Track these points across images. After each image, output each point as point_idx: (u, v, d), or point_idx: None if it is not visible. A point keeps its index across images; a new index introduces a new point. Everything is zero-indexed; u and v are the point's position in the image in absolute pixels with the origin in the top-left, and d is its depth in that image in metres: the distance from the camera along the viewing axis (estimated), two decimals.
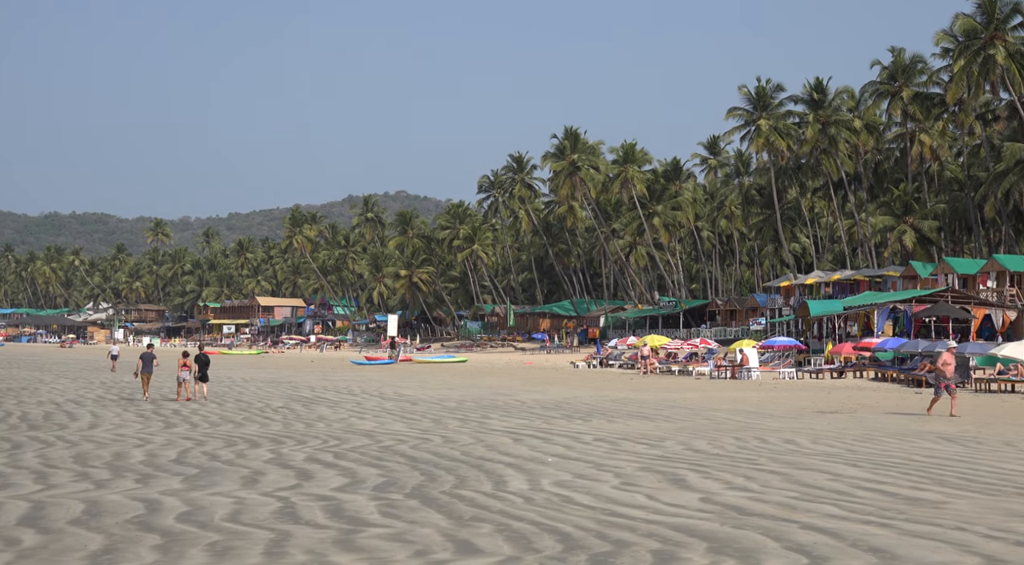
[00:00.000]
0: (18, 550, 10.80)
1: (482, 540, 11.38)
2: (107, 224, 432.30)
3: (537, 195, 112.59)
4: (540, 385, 44.88)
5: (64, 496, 14.05)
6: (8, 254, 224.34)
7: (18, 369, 59.01)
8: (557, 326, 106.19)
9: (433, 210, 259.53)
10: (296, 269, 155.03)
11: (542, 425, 25.12)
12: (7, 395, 35.48)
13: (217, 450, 19.52)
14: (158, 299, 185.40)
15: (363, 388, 41.33)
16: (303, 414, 28.23)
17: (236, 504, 13.53)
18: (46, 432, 22.72)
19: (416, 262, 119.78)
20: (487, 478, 15.98)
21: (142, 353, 34.84)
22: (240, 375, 52.73)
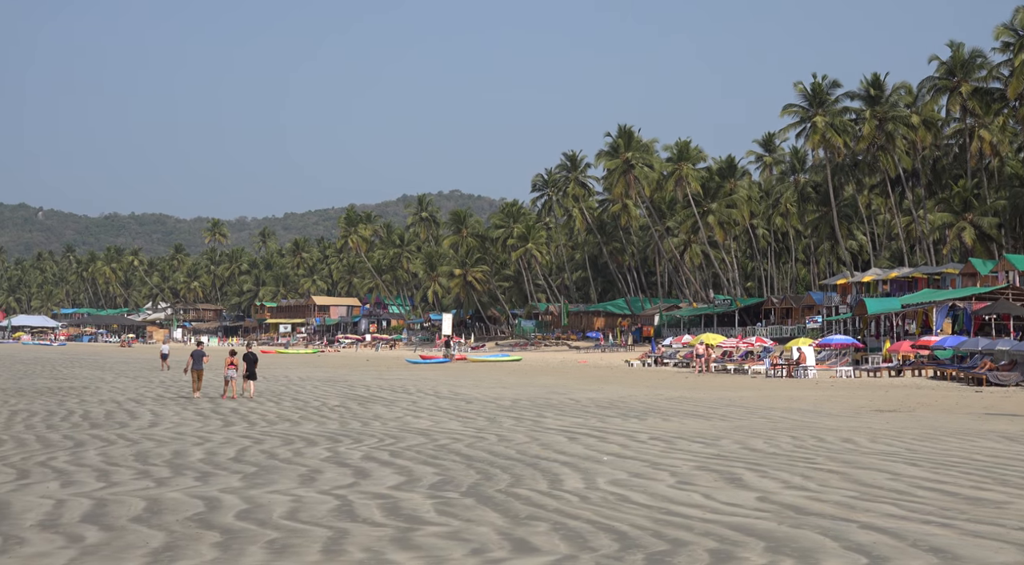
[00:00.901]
0: (82, 547, 10.96)
1: (538, 539, 11.39)
2: (165, 225, 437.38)
3: (591, 193, 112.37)
4: (595, 384, 44.81)
5: (126, 494, 14.23)
6: (69, 255, 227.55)
7: (79, 368, 59.81)
8: (611, 325, 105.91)
9: (487, 209, 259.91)
10: (351, 268, 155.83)
11: (597, 424, 25.08)
12: (69, 394, 35.99)
13: (275, 448, 19.68)
14: (215, 299, 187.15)
15: (418, 387, 41.48)
16: (359, 413, 28.38)
17: (294, 502, 13.63)
18: (107, 430, 23.02)
19: (470, 261, 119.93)
20: (542, 477, 15.98)
21: (192, 351, 35.44)
22: (297, 374, 53.09)
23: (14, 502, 13.51)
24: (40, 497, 13.92)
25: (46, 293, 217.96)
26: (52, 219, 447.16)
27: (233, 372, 33.86)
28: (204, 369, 35.21)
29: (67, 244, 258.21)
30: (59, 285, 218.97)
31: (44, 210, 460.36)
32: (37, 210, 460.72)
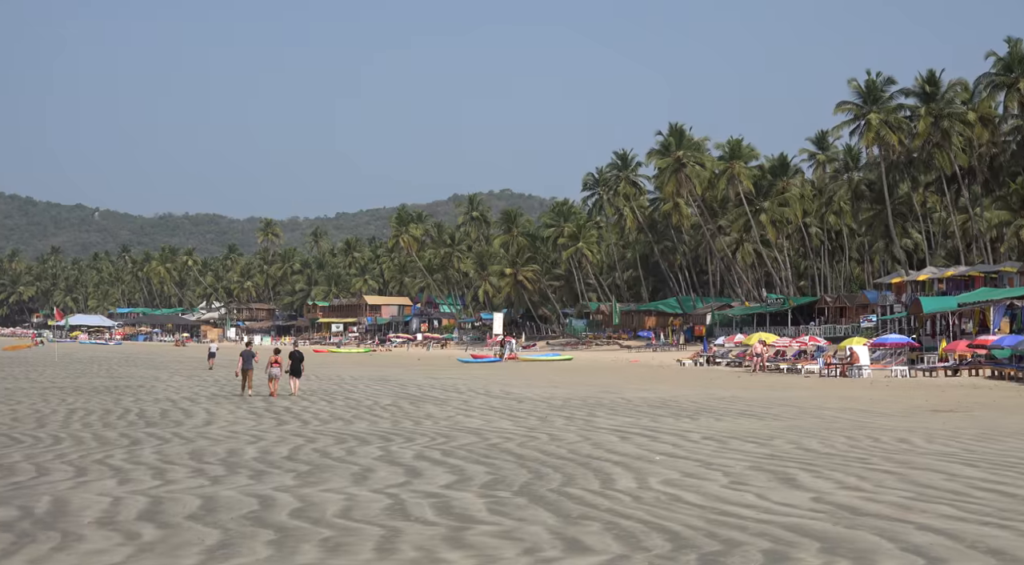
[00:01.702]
0: (138, 544, 11.08)
1: (591, 538, 11.37)
2: (219, 224, 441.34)
3: (642, 192, 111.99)
4: (646, 383, 44.67)
5: (181, 492, 14.37)
6: (125, 255, 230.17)
7: (135, 367, 60.48)
8: (663, 324, 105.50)
9: (538, 208, 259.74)
10: (402, 268, 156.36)
11: (649, 423, 25.00)
12: (125, 392, 36.41)
13: (328, 447, 19.78)
14: (268, 298, 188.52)
15: (469, 386, 41.56)
16: (411, 412, 28.48)
17: (347, 501, 13.70)
18: (163, 429, 23.26)
19: (521, 260, 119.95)
20: (595, 476, 15.96)
21: (242, 351, 35.98)
22: (349, 373, 53.37)
23: (73, 499, 13.69)
24: (98, 494, 14.09)
25: (102, 293, 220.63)
26: (108, 219, 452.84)
27: (277, 370, 34.33)
28: (254, 368, 35.70)
29: (122, 244, 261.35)
30: (115, 285, 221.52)
31: (100, 211, 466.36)
32: (93, 211, 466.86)
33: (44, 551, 10.74)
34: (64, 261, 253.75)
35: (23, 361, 69.01)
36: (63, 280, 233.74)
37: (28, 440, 20.70)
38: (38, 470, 16.42)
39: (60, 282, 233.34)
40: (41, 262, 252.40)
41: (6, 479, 15.46)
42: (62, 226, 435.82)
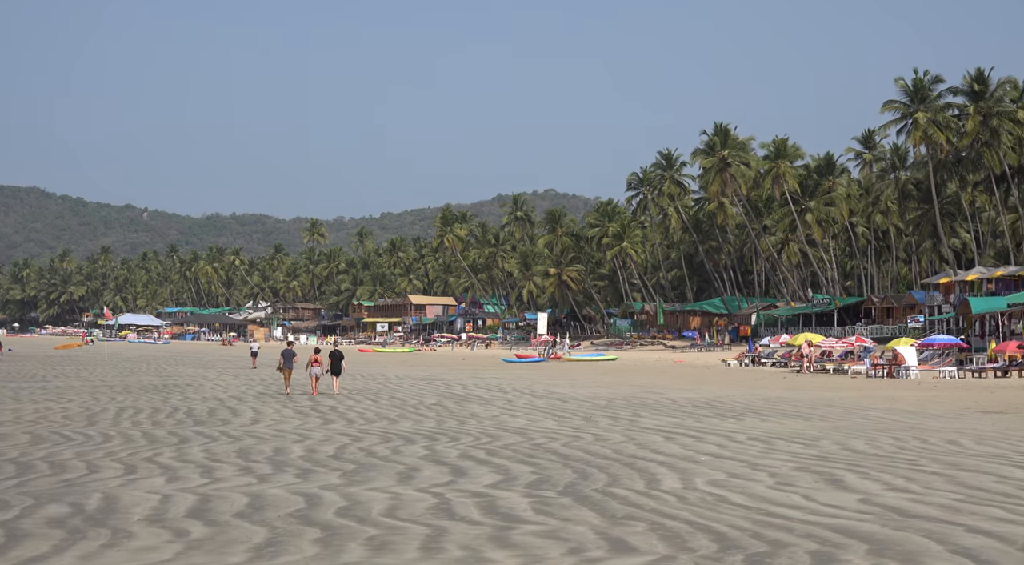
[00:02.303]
0: (187, 541, 11.19)
1: (636, 538, 11.36)
2: (265, 225, 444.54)
3: (687, 192, 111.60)
4: (691, 383, 44.51)
5: (229, 490, 14.49)
6: (173, 255, 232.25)
7: (183, 366, 61.01)
8: (707, 324, 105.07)
9: (582, 208, 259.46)
10: (447, 268, 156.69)
11: (694, 423, 24.92)
12: (173, 391, 36.74)
13: (373, 446, 19.87)
14: (314, 298, 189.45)
15: (514, 386, 41.58)
16: (456, 411, 28.53)
17: (392, 500, 13.76)
18: (210, 427, 23.45)
19: (565, 260, 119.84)
20: (639, 476, 15.92)
21: (283, 350, 36.26)
22: (394, 372, 53.58)
23: (122, 497, 13.84)
24: (147, 492, 14.24)
25: (151, 292, 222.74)
26: (157, 220, 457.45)
27: (318, 369, 34.68)
28: (294, 368, 36.09)
29: (171, 244, 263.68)
30: (163, 284, 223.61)
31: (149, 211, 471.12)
32: (142, 211, 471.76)
33: (95, 548, 10.87)
34: (114, 261, 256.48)
35: (74, 360, 69.84)
36: (113, 280, 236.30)
37: (79, 438, 20.95)
38: (89, 467, 16.62)
39: (110, 282, 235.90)
40: (91, 262, 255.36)
41: (58, 476, 15.67)
42: (112, 226, 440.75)
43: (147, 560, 10.36)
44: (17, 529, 11.75)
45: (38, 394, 34.40)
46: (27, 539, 11.25)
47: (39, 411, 27.43)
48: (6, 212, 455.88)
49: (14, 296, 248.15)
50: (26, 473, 15.95)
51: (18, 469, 16.37)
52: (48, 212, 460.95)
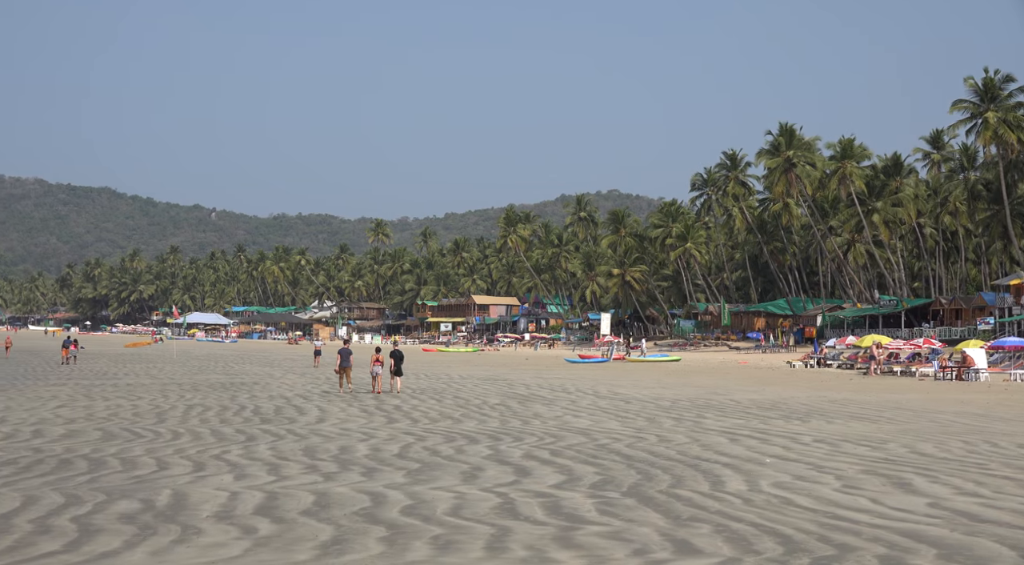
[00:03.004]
0: (255, 538, 11.33)
1: (701, 540, 11.33)
2: (331, 225, 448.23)
3: (751, 192, 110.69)
4: (755, 385, 44.19)
5: (295, 487, 14.64)
6: (240, 254, 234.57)
7: (250, 364, 61.61)
8: (772, 325, 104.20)
9: (645, 208, 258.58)
10: (510, 268, 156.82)
11: (759, 425, 24.75)
12: (241, 389, 37.14)
13: (437, 446, 19.96)
14: (379, 297, 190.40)
15: (577, 386, 41.53)
16: (519, 411, 28.57)
17: (457, 499, 13.82)
18: (277, 425, 23.69)
19: (628, 261, 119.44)
20: (704, 478, 15.87)
21: (340, 349, 36.53)
22: (457, 372, 53.71)
23: (191, 493, 14.04)
24: (215, 489, 14.43)
25: (218, 291, 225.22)
26: (224, 220, 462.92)
27: (379, 368, 35.04)
28: (351, 366, 36.53)
29: (238, 244, 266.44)
30: (231, 283, 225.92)
31: (217, 211, 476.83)
32: (211, 211, 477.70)
33: (165, 543, 11.05)
34: (182, 260, 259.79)
35: (143, 358, 70.84)
36: (181, 279, 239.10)
37: (149, 435, 21.26)
38: (159, 464, 16.88)
39: (178, 281, 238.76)
40: (160, 261, 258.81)
41: (129, 473, 15.92)
42: (180, 226, 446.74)
43: (216, 556, 10.50)
44: (90, 524, 11.98)
45: (109, 391, 34.95)
46: (99, 534, 11.46)
47: (110, 408, 27.88)
48: (79, 212, 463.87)
49: (86, 295, 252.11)
50: (98, 469, 16.23)
51: (90, 465, 16.66)
52: (119, 212, 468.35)
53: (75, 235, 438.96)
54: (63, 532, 11.58)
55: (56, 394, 33.26)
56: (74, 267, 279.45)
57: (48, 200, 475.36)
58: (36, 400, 30.52)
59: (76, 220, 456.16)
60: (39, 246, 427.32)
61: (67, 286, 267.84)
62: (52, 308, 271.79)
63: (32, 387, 37.09)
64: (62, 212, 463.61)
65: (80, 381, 41.04)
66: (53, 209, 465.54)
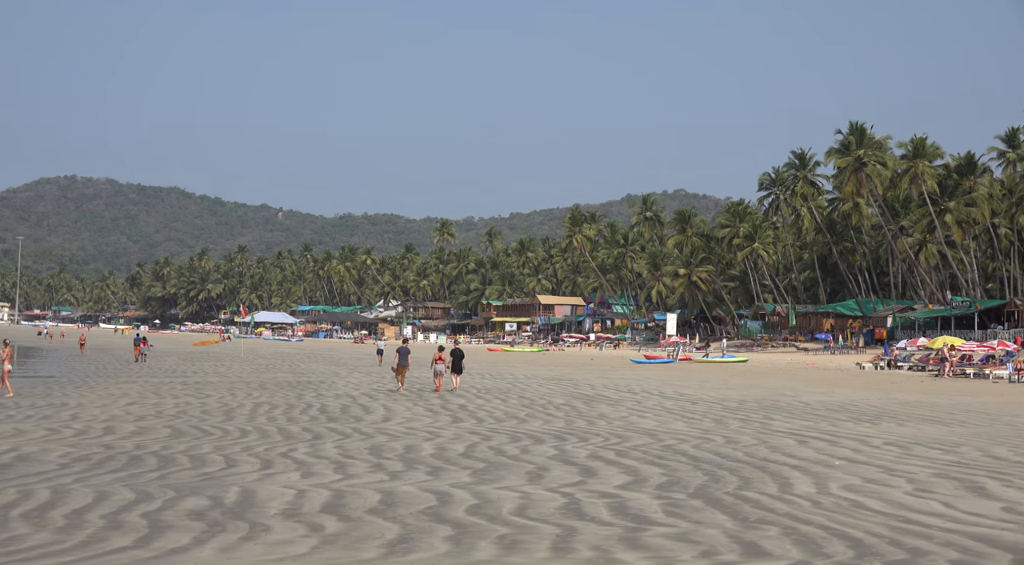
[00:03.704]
0: (322, 536, 11.38)
1: (769, 543, 11.22)
2: (396, 224, 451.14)
3: (820, 192, 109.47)
4: (824, 386, 43.71)
5: (362, 486, 14.69)
6: (307, 254, 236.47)
7: (316, 363, 62.09)
8: (841, 326, 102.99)
9: (712, 208, 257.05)
10: (575, 268, 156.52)
11: (827, 427, 24.46)
12: (307, 388, 37.42)
13: (503, 445, 19.95)
14: (444, 297, 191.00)
15: (643, 387, 41.35)
16: (584, 411, 28.49)
17: (522, 499, 13.80)
18: (343, 424, 23.81)
19: (695, 261, 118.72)
20: (772, 480, 15.71)
21: (398, 348, 36.83)
22: (522, 372, 53.73)
23: (259, 491, 14.14)
24: (282, 487, 14.53)
25: (285, 290, 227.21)
26: (291, 219, 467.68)
27: (441, 367, 35.42)
28: (408, 365, 36.67)
29: (305, 243, 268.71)
30: (297, 283, 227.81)
31: (284, 210, 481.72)
32: (277, 211, 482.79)
33: (233, 540, 11.13)
34: (249, 259, 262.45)
35: (212, 356, 71.67)
36: (249, 278, 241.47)
37: (217, 432, 21.47)
38: (227, 462, 17.03)
39: (246, 280, 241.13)
40: (228, 260, 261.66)
41: (197, 470, 16.08)
42: (248, 225, 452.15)
43: (283, 554, 10.57)
44: (160, 520, 12.11)
45: (178, 389, 35.37)
46: (169, 531, 11.59)
47: (179, 406, 28.21)
48: (148, 212, 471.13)
49: (155, 293, 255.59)
50: (167, 466, 16.41)
51: (160, 462, 16.86)
52: (188, 212, 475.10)
53: (145, 234, 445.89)
54: (134, 528, 11.71)
55: (127, 391, 33.73)
56: (144, 266, 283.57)
57: (119, 200, 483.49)
58: (107, 397, 30.97)
59: (146, 220, 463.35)
60: (110, 245, 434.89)
61: (137, 285, 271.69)
62: (122, 306, 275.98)
63: (103, 384, 37.66)
64: (132, 212, 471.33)
65: (150, 379, 41.60)
66: (124, 209, 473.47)
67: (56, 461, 16.78)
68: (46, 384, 37.61)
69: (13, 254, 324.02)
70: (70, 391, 33.63)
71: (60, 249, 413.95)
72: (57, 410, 26.15)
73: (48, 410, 26.11)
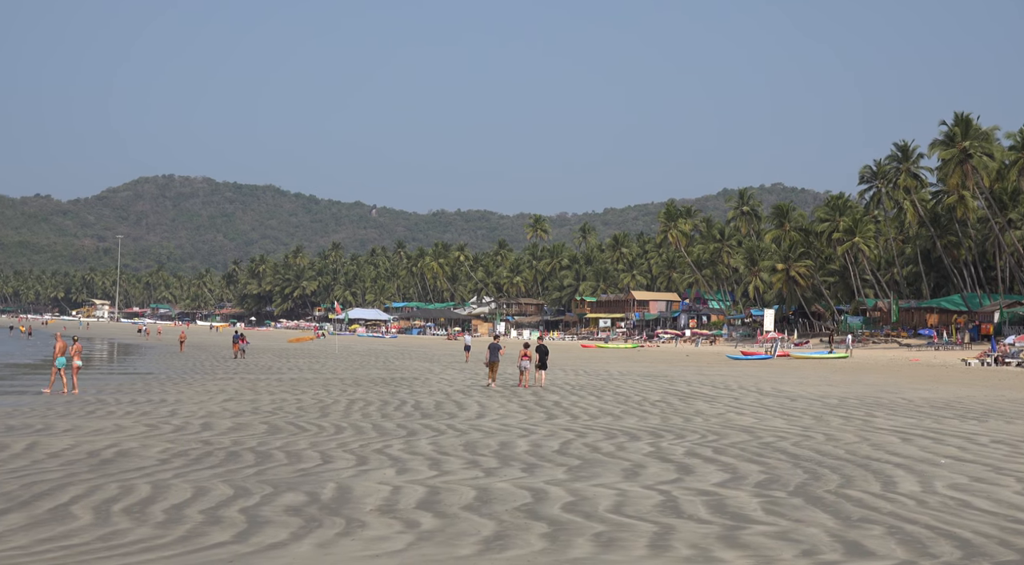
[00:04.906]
0: (418, 532, 11.36)
1: (872, 542, 10.96)
2: (489, 220, 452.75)
3: (923, 185, 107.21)
4: (928, 383, 42.77)
5: (456, 482, 14.66)
6: (400, 251, 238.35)
7: (409, 360, 62.45)
8: (945, 322, 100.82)
9: (811, 202, 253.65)
10: (670, 263, 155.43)
11: (932, 424, 23.88)
12: (401, 384, 37.59)
13: (597, 442, 19.80)
14: (537, 293, 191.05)
15: (740, 383, 40.84)
16: (680, 408, 28.20)
17: (619, 496, 13.66)
18: (437, 420, 23.84)
19: (793, 255, 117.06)
20: (875, 478, 15.36)
21: (490, 344, 36.96)
22: (616, 368, 53.45)
23: (355, 487, 14.18)
24: (378, 483, 14.55)
25: (379, 287, 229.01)
26: (384, 216, 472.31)
27: (527, 363, 35.67)
28: (499, 361, 36.88)
29: (398, 240, 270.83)
30: (391, 279, 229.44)
31: (377, 208, 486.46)
32: (371, 208, 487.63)
33: (330, 536, 11.16)
34: (343, 256, 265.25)
35: (307, 353, 72.53)
36: (343, 275, 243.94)
37: (313, 429, 21.63)
38: (323, 458, 17.12)
39: (340, 277, 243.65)
40: (323, 257, 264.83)
41: (294, 466, 16.19)
42: (342, 223, 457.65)
43: (380, 550, 10.56)
44: (258, 516, 12.19)
45: (274, 386, 35.78)
46: (267, 526, 11.66)
47: (275, 402, 28.51)
48: (244, 210, 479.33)
49: (251, 291, 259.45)
50: (265, 462, 16.55)
51: (257, 458, 17.01)
52: (283, 210, 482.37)
53: (241, 232, 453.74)
54: (232, 523, 11.81)
55: (223, 388, 34.20)
56: (239, 264, 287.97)
57: (215, 198, 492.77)
58: (205, 394, 31.43)
59: (242, 217, 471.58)
60: (206, 243, 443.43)
61: (233, 282, 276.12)
62: (219, 304, 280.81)
63: (200, 381, 38.25)
64: (228, 210, 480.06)
65: (246, 375, 42.16)
66: (220, 207, 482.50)
67: (155, 457, 17.02)
68: (145, 380, 38.32)
69: (113, 252, 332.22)
70: (168, 387, 34.20)
71: (158, 247, 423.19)
72: (156, 406, 26.59)
73: (147, 406, 26.56)
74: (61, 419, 22.86)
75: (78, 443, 18.61)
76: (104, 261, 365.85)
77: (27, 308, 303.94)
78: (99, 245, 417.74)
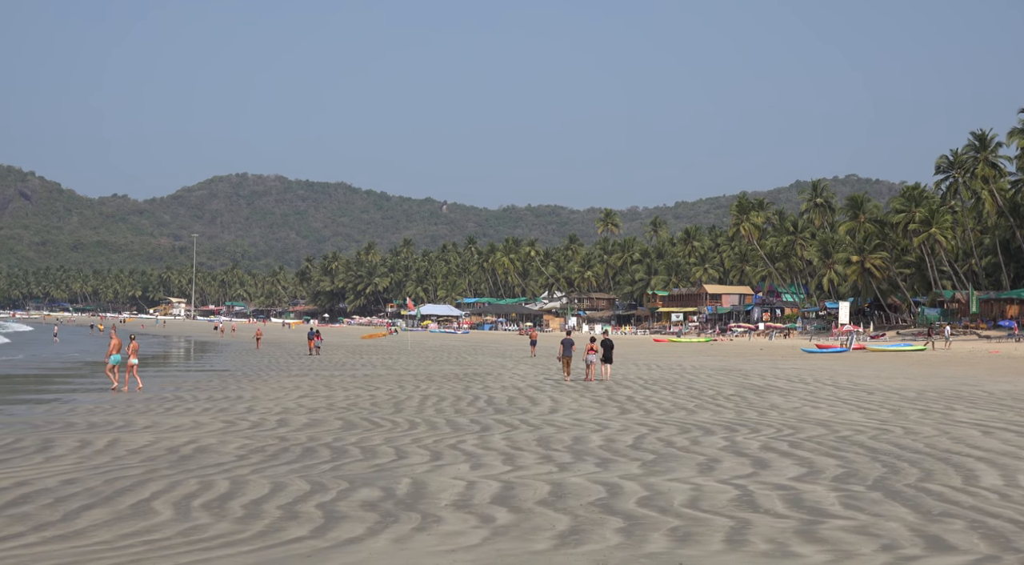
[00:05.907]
0: (493, 527, 11.38)
1: (954, 536, 10.79)
2: (559, 215, 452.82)
3: (1003, 174, 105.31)
4: (1010, 375, 42.00)
5: (531, 477, 14.66)
6: (471, 246, 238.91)
7: (481, 355, 62.57)
8: None
9: (886, 193, 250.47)
10: (743, 256, 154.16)
11: (1015, 418, 23.45)
12: (474, 380, 37.68)
13: (672, 436, 19.70)
14: (608, 288, 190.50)
15: (815, 376, 40.41)
16: (755, 402, 27.97)
17: (694, 490, 13.58)
18: (510, 416, 23.86)
19: (868, 247, 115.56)
20: (955, 472, 15.13)
21: (563, 339, 36.99)
22: (690, 362, 53.14)
23: (430, 482, 14.24)
24: (452, 478, 14.60)
25: (450, 283, 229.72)
26: (455, 212, 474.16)
27: (593, 357, 35.97)
28: (573, 356, 37.32)
29: (469, 236, 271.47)
30: (462, 275, 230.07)
31: (448, 204, 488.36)
32: (442, 204, 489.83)
33: (406, 531, 11.22)
34: (415, 253, 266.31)
35: (379, 349, 72.95)
36: (414, 271, 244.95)
37: (387, 424, 21.75)
38: (397, 453, 17.21)
39: (411, 273, 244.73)
40: (394, 254, 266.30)
41: (369, 461, 16.29)
42: (412, 219, 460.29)
43: (455, 544, 10.59)
44: (334, 511, 12.29)
45: (348, 382, 36.04)
46: (344, 521, 11.75)
47: (349, 398, 28.72)
48: (316, 208, 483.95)
49: (324, 288, 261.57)
50: (340, 458, 16.67)
51: (333, 454, 17.14)
52: (354, 207, 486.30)
53: (313, 230, 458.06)
54: (310, 518, 11.91)
55: (299, 384, 34.52)
56: (312, 261, 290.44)
57: (288, 196, 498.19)
58: (280, 390, 31.74)
59: (314, 215, 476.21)
60: (280, 241, 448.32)
61: (306, 279, 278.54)
62: (292, 301, 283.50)
63: (276, 377, 38.63)
64: (301, 208, 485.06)
65: (320, 372, 42.50)
66: (293, 205, 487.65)
67: (233, 453, 17.23)
68: (221, 377, 38.79)
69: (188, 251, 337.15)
70: (244, 384, 34.58)
71: (232, 245, 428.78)
72: (233, 403, 26.91)
73: (224, 403, 26.88)
74: (141, 416, 23.22)
75: (158, 439, 18.90)
76: (180, 259, 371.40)
77: (106, 307, 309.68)
78: (175, 244, 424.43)
